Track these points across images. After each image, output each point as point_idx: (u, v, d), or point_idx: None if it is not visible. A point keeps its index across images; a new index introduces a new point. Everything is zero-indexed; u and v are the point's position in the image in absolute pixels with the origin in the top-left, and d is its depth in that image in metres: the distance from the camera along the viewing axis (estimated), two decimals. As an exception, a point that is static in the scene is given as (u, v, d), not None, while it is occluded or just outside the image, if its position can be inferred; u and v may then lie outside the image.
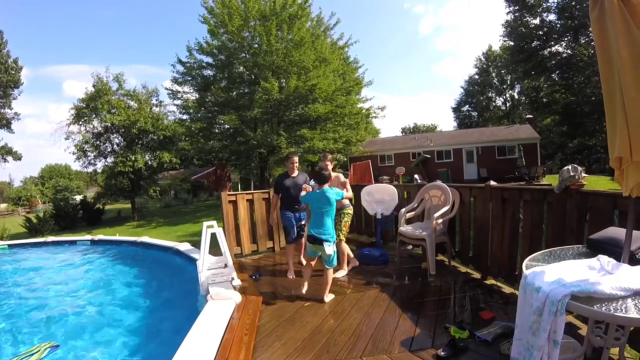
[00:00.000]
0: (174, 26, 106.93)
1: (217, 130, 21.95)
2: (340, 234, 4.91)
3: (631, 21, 1.73)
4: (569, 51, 29.72)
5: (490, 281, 4.38)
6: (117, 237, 9.41)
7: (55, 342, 3.51)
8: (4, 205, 52.75)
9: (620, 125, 1.86)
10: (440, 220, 4.79)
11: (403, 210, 5.26)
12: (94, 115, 21.84)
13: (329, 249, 4.06)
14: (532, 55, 30.15)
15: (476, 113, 58.45)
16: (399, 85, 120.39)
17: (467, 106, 59.46)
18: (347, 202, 5.06)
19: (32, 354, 3.35)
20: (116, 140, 23.41)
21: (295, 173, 5.29)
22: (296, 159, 5.28)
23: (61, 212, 21.19)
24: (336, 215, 4.64)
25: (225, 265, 4.76)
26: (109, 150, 23.15)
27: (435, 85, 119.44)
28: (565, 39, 29.32)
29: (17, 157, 38.72)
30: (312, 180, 5.13)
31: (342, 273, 5.04)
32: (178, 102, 21.74)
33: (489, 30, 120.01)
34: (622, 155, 1.89)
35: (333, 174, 5.13)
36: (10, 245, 9.86)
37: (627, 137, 1.84)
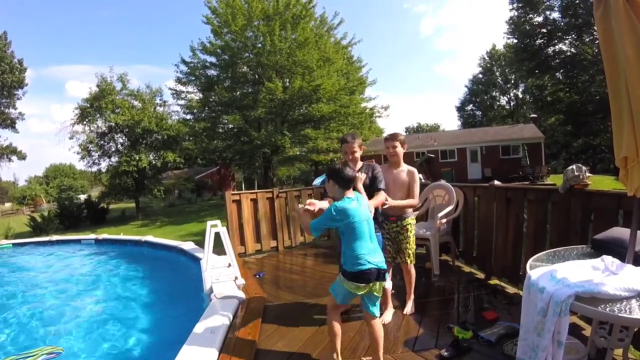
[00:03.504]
0: (175, 26, 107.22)
1: (221, 130, 21.99)
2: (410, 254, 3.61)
3: (636, 20, 1.72)
4: (573, 50, 29.61)
5: (494, 281, 4.36)
6: (121, 237, 9.45)
7: (60, 347, 3.47)
8: (8, 205, 52.98)
9: (626, 124, 1.85)
10: (444, 220, 4.78)
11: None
12: (98, 115, 21.98)
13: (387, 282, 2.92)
14: (536, 53, 30.04)
15: (480, 112, 58.37)
16: (401, 85, 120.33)
17: (471, 105, 59.40)
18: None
19: (29, 357, 3.31)
20: (120, 140, 23.56)
21: (359, 164, 3.43)
22: (355, 145, 3.36)
23: (65, 211, 21.30)
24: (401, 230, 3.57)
25: (229, 265, 4.77)
26: (113, 149, 23.28)
27: (438, 84, 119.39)
28: (569, 37, 29.19)
29: (22, 156, 39.07)
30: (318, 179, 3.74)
31: (390, 313, 3.58)
32: (182, 102, 21.84)
33: (490, 30, 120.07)
34: (628, 154, 1.88)
35: (405, 167, 3.65)
36: (14, 244, 9.93)
37: (634, 137, 1.83)
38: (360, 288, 2.52)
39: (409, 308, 3.61)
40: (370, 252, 2.56)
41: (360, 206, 2.61)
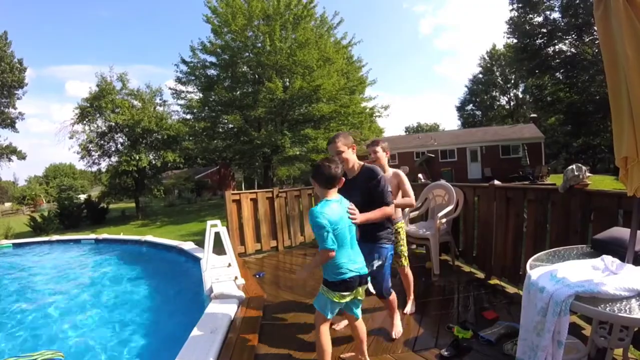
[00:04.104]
0: (175, 26, 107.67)
1: (221, 130, 22.03)
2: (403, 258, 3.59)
3: (636, 19, 1.72)
4: (573, 50, 29.61)
5: (494, 281, 4.37)
6: (121, 236, 9.45)
7: (61, 352, 3.44)
8: (8, 205, 52.95)
9: (626, 124, 1.85)
10: (444, 220, 4.78)
11: (407, 209, 5.24)
12: (98, 115, 22.00)
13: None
14: (536, 53, 30.05)
15: (480, 112, 58.34)
16: (401, 85, 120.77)
17: (471, 105, 59.37)
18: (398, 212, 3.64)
19: None
20: (120, 140, 23.59)
21: (356, 165, 2.98)
22: (339, 144, 2.88)
23: (65, 211, 21.31)
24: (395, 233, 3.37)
25: (229, 264, 4.77)
26: (113, 149, 23.31)
27: (438, 84, 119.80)
28: (570, 37, 29.20)
29: (22, 156, 39.06)
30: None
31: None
32: (182, 101, 21.85)
33: (490, 30, 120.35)
34: (629, 154, 1.88)
35: (390, 170, 3.61)
36: (14, 244, 9.92)
37: (634, 137, 1.83)
38: (345, 297, 2.45)
39: (409, 308, 3.62)
40: (351, 260, 2.45)
41: (343, 210, 2.46)
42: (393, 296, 3.11)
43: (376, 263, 2.86)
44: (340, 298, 2.44)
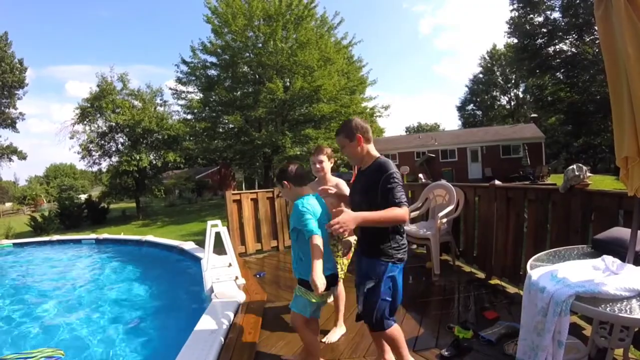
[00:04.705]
0: (176, 26, 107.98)
1: (221, 130, 22.04)
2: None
3: (637, 19, 1.72)
4: (573, 49, 29.57)
5: (494, 281, 4.36)
6: (121, 236, 9.45)
7: (61, 350, 3.43)
8: (9, 204, 53.00)
9: (627, 124, 1.85)
10: (444, 220, 4.78)
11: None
12: (98, 115, 22.04)
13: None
14: (536, 53, 30.02)
15: (480, 112, 58.33)
16: (401, 85, 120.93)
17: (471, 105, 59.35)
18: None
19: (28, 358, 3.27)
20: (121, 140, 23.63)
21: (367, 161, 2.39)
22: (341, 137, 2.38)
23: (66, 211, 21.33)
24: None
25: (230, 264, 4.77)
26: (114, 149, 23.35)
27: (437, 84, 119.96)
28: (570, 37, 29.17)
29: (22, 156, 39.14)
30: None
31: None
32: (182, 101, 21.89)
33: (490, 29, 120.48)
34: (629, 154, 1.88)
35: (333, 180, 3.33)
36: (15, 244, 9.92)
37: (635, 137, 1.83)
38: (324, 295, 2.43)
39: (331, 335, 3.19)
40: (328, 257, 2.47)
41: (321, 206, 2.54)
42: (391, 331, 2.35)
43: (368, 284, 2.27)
44: (319, 297, 2.44)
